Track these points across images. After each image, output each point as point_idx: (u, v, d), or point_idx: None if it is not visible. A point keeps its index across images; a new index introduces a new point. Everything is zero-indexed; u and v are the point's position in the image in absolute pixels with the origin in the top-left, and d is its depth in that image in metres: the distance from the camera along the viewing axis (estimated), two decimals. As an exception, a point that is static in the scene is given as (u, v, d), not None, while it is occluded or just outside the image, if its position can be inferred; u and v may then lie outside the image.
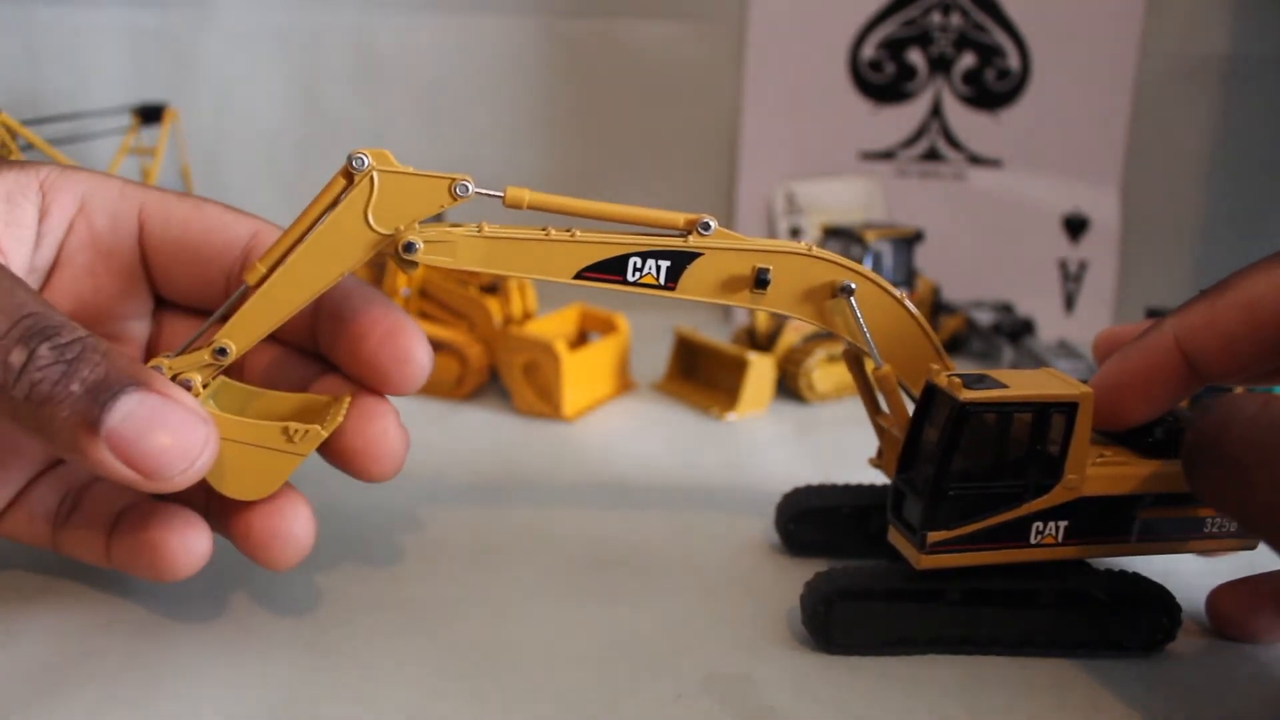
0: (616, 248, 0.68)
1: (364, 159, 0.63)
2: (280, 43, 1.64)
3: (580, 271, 0.68)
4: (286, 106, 1.66)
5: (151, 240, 0.72)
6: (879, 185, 1.71)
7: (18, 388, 0.56)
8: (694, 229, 0.68)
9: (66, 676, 0.66)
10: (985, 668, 0.69)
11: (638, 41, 1.66)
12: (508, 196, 0.66)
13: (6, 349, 0.56)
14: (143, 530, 0.67)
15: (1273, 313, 0.62)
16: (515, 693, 0.65)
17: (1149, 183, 1.70)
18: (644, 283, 0.69)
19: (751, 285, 0.70)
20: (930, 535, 0.67)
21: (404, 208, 0.64)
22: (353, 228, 0.64)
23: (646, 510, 0.94)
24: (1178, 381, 0.67)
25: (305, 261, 0.64)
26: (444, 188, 0.64)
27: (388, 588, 0.78)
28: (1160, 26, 1.64)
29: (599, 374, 1.25)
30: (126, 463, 0.57)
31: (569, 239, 0.67)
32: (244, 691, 0.65)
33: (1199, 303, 0.66)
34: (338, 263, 0.64)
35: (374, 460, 0.70)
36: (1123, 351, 0.69)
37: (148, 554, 0.67)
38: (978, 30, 1.67)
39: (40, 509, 0.72)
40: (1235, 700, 0.67)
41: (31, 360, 0.56)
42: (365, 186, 0.63)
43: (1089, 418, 0.66)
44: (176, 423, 0.58)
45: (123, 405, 0.57)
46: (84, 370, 0.57)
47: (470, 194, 0.64)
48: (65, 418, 0.56)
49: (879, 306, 0.73)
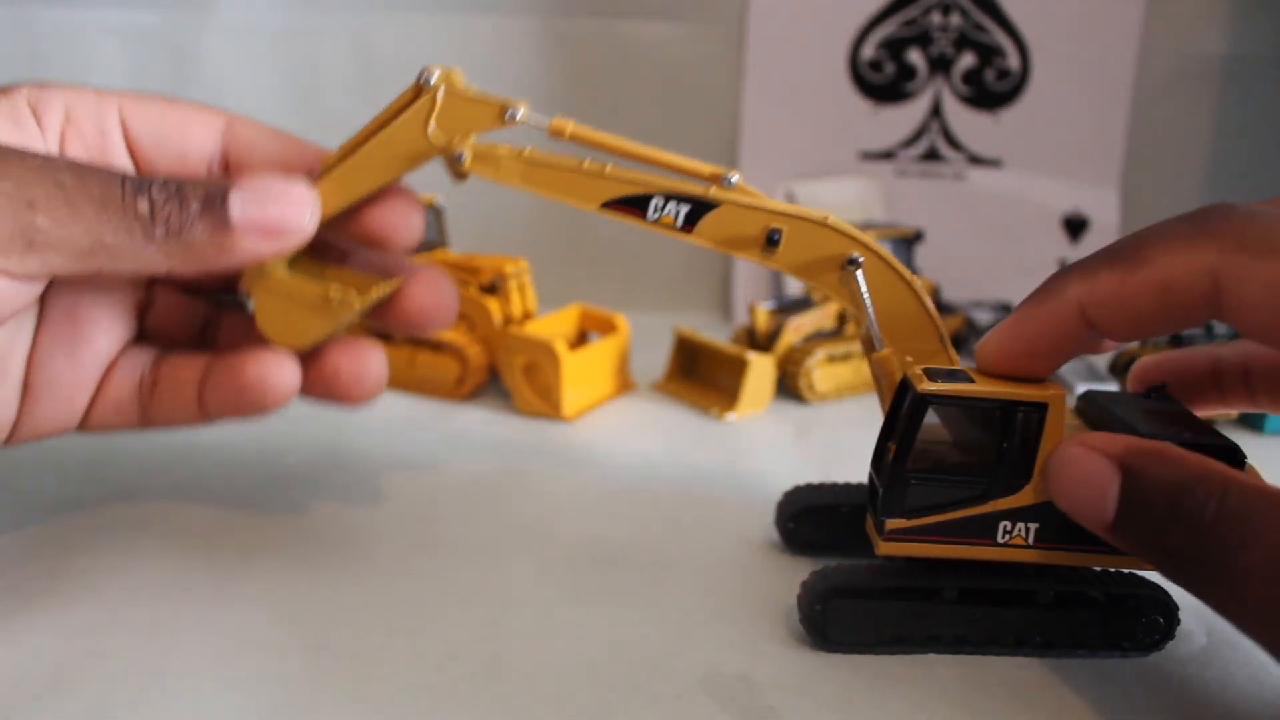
0: (642, 187, 0.73)
1: (433, 76, 0.71)
2: (280, 43, 1.64)
3: (605, 203, 0.74)
4: (286, 106, 1.66)
5: (133, 137, 0.77)
6: (879, 185, 1.71)
7: (157, 230, 0.66)
8: (718, 181, 0.73)
9: (66, 676, 0.66)
10: (983, 667, 0.69)
11: (638, 41, 1.66)
12: (552, 126, 0.74)
13: (131, 202, 0.66)
14: (240, 372, 0.76)
15: (1186, 296, 0.60)
16: (515, 692, 0.65)
17: (1149, 183, 1.70)
18: (663, 222, 0.74)
19: (762, 244, 0.73)
20: (889, 522, 0.68)
21: (459, 123, 0.73)
22: (413, 135, 0.73)
23: (646, 510, 0.94)
24: (1077, 345, 0.67)
25: (368, 159, 0.73)
26: (496, 111, 0.72)
27: (387, 587, 0.78)
28: (1160, 26, 1.65)
29: (599, 374, 1.25)
30: (265, 236, 0.69)
31: (599, 173, 0.73)
32: (244, 691, 0.65)
33: (1106, 271, 0.64)
34: (396, 164, 0.74)
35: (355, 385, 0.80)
36: (1022, 313, 0.68)
37: (253, 389, 0.76)
38: (978, 30, 1.67)
39: (125, 394, 0.79)
40: (1234, 700, 0.67)
41: (154, 204, 0.67)
42: (429, 100, 0.72)
43: (1061, 420, 0.66)
44: (277, 190, 0.70)
45: (234, 200, 0.68)
46: (188, 193, 0.68)
47: (520, 118, 0.72)
48: (201, 232, 0.67)
49: (886, 285, 0.73)
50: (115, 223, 0.65)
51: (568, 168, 0.74)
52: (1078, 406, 0.73)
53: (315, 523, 0.89)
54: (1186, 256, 0.60)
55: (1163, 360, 0.77)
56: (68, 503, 0.91)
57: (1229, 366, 0.76)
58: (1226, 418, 1.18)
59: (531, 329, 1.22)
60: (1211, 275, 0.59)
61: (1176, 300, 0.61)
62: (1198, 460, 0.60)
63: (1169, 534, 0.58)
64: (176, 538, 0.85)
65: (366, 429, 1.12)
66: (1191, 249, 0.60)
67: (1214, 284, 0.59)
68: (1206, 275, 0.59)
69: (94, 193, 0.65)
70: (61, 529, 0.86)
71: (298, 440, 1.08)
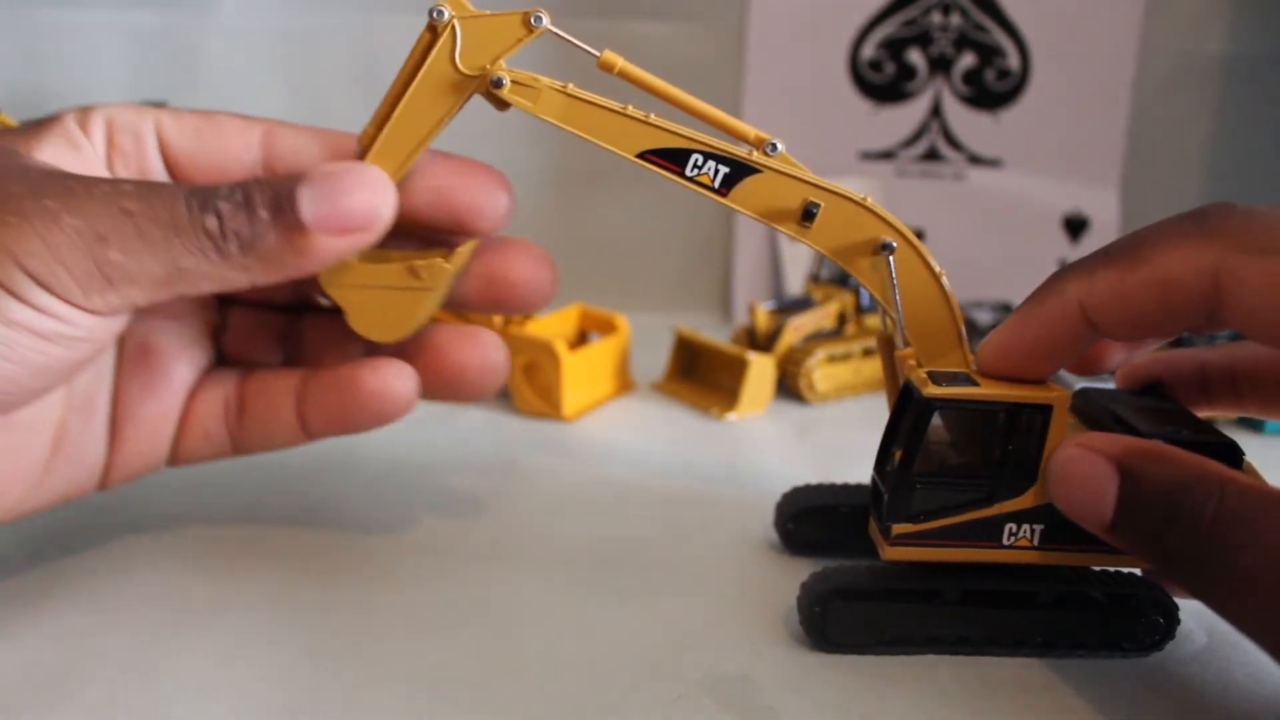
0: (685, 141, 0.70)
1: (444, 10, 0.68)
2: (280, 43, 1.64)
3: (644, 152, 0.71)
4: (286, 106, 1.66)
5: (171, 151, 0.74)
6: (879, 185, 1.71)
7: (229, 245, 0.63)
8: (762, 146, 0.71)
9: (66, 677, 0.66)
10: (983, 668, 0.69)
11: (638, 41, 1.66)
12: (602, 58, 0.71)
13: (199, 221, 0.63)
14: (355, 385, 0.74)
15: (1186, 296, 0.60)
16: (515, 693, 0.65)
17: (1149, 183, 1.70)
18: (700, 180, 0.71)
19: (799, 218, 0.71)
20: (895, 527, 0.68)
21: (486, 47, 0.69)
22: (445, 74, 0.69)
23: (646, 510, 0.94)
24: (1078, 344, 0.67)
25: (408, 115, 0.70)
26: (519, 21, 0.69)
27: (387, 588, 0.78)
28: (1160, 26, 1.64)
29: (599, 374, 1.25)
30: (344, 231, 0.65)
31: (644, 119, 0.70)
32: (244, 692, 0.65)
33: (1105, 269, 0.63)
34: (437, 109, 0.70)
35: (475, 378, 0.77)
36: (1022, 314, 0.67)
37: (375, 400, 0.73)
38: (978, 30, 1.67)
39: (212, 421, 0.77)
40: (1235, 700, 0.67)
41: (222, 218, 0.63)
42: (449, 36, 0.69)
43: (1064, 422, 0.66)
44: (346, 178, 0.66)
45: (303, 198, 0.64)
46: (256, 198, 0.64)
47: (544, 25, 0.69)
48: (275, 240, 0.64)
49: (914, 277, 0.71)
50: (187, 245, 0.62)
51: (611, 108, 0.71)
52: (1073, 404, 0.73)
53: (316, 524, 0.89)
54: (1185, 255, 0.60)
55: (1150, 361, 0.77)
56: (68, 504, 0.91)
57: (1216, 370, 0.76)
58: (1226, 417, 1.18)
59: (531, 329, 1.22)
60: (1211, 274, 0.59)
61: (1176, 299, 0.61)
62: (1195, 460, 0.60)
63: (1167, 535, 0.58)
64: (177, 540, 0.85)
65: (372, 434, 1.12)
66: (1190, 247, 0.60)
67: (1213, 282, 0.59)
68: (1206, 273, 0.59)
69: (160, 216, 0.62)
70: (62, 531, 0.86)
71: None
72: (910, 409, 0.68)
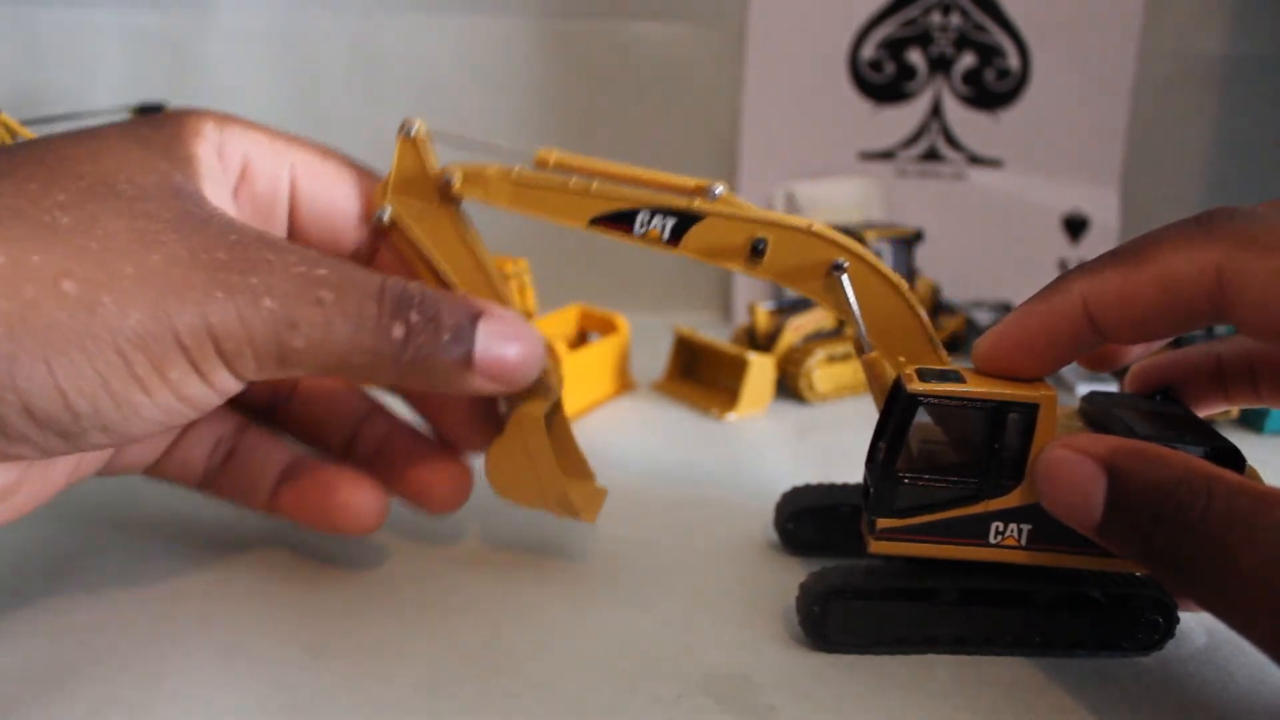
0: (628, 202, 0.73)
1: (412, 126, 0.73)
2: (280, 43, 1.64)
3: (593, 219, 0.74)
4: (286, 107, 1.66)
5: (297, 198, 0.74)
6: (879, 185, 1.71)
7: (406, 355, 0.63)
8: (702, 193, 0.73)
9: (66, 677, 0.66)
10: (983, 667, 0.69)
11: (638, 41, 1.66)
12: (537, 156, 0.75)
13: (387, 326, 0.63)
14: (330, 492, 0.75)
15: (1190, 294, 0.60)
16: (515, 693, 0.65)
17: (1149, 183, 1.70)
18: (650, 237, 0.74)
19: (748, 254, 0.73)
20: (880, 521, 0.68)
21: (411, 175, 0.75)
22: (423, 181, 0.75)
23: (646, 510, 0.94)
24: (1080, 344, 0.66)
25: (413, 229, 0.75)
26: (401, 144, 0.74)
27: (387, 588, 0.78)
28: (1160, 26, 1.64)
29: (599, 374, 1.25)
30: (494, 379, 0.67)
31: (585, 191, 0.73)
32: (244, 692, 0.65)
33: (1111, 269, 0.64)
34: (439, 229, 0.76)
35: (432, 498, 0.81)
36: (1025, 309, 0.67)
37: (339, 513, 0.75)
38: (978, 30, 1.67)
39: (195, 454, 0.77)
40: (1234, 700, 0.67)
41: (410, 331, 0.63)
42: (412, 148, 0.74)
43: (1052, 421, 0.66)
44: (515, 334, 0.68)
45: (480, 338, 0.66)
46: (445, 319, 0.65)
47: (416, 133, 0.73)
48: (446, 363, 0.65)
49: (874, 290, 0.73)
50: (367, 346, 0.62)
51: (554, 186, 0.74)
52: (1080, 408, 0.73)
53: (315, 523, 0.89)
54: (1189, 255, 0.61)
55: (1163, 361, 0.77)
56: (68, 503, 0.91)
57: (1232, 364, 0.76)
58: (1226, 417, 1.18)
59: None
60: (1214, 272, 0.59)
61: (1180, 298, 0.61)
62: (1182, 459, 0.60)
63: (1156, 534, 0.58)
64: (177, 538, 0.85)
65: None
66: (1195, 248, 0.61)
67: (1216, 281, 0.59)
68: (1209, 272, 0.60)
69: (351, 311, 0.61)
70: (62, 530, 0.86)
71: (298, 440, 1.08)
72: (896, 404, 0.68)
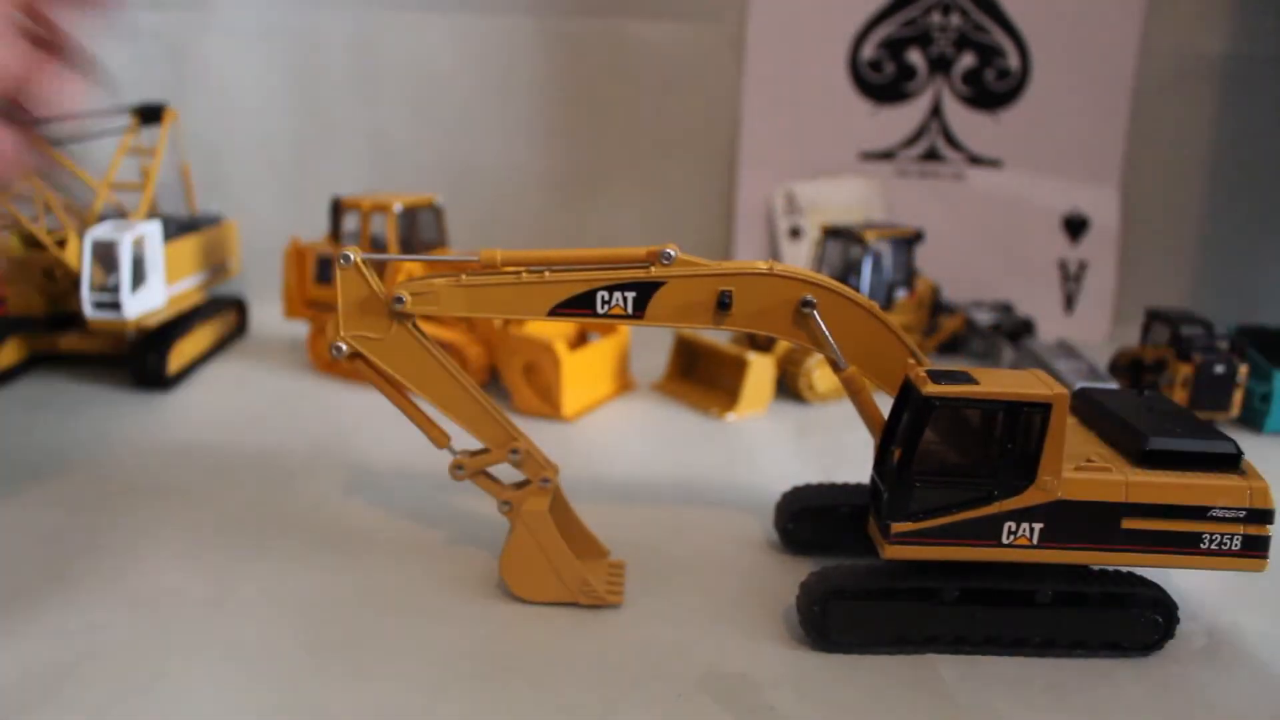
0: (583, 285, 0.71)
1: (349, 257, 0.70)
2: (280, 43, 1.64)
3: (554, 308, 0.71)
4: (286, 107, 1.66)
5: None
6: (879, 185, 1.71)
7: None
8: (656, 260, 0.71)
9: (66, 677, 0.66)
10: (983, 667, 0.70)
11: (638, 41, 1.66)
12: (482, 258, 0.72)
13: None
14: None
15: None
16: (515, 693, 0.65)
17: (1149, 183, 1.70)
18: (614, 313, 0.72)
19: (715, 309, 0.72)
20: (895, 526, 0.68)
21: (358, 305, 0.72)
22: (373, 303, 0.72)
23: (646, 510, 0.94)
24: None
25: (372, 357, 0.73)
26: (340, 271, 0.71)
27: (388, 586, 0.78)
28: (1160, 26, 1.64)
29: (599, 374, 1.25)
30: None
31: (539, 280, 0.71)
32: (245, 692, 0.65)
33: None
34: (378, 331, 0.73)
35: None
36: None
37: None
38: (978, 30, 1.67)
39: None
40: (1235, 700, 0.67)
41: None
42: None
43: (1064, 419, 0.66)
44: None
45: None
46: None
47: (352, 261, 0.70)
48: None
49: (847, 317, 0.73)
50: None
51: (507, 283, 0.71)
52: (1072, 405, 0.73)
53: (316, 523, 0.89)
54: None
55: None
56: (68, 503, 0.91)
57: None
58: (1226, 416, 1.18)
59: (531, 329, 1.22)
60: None
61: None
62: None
63: None
64: (177, 538, 0.85)
65: (367, 429, 1.12)
66: None
67: None
68: None
69: None
70: (62, 530, 0.86)
71: (299, 440, 1.08)
72: (909, 407, 0.68)
